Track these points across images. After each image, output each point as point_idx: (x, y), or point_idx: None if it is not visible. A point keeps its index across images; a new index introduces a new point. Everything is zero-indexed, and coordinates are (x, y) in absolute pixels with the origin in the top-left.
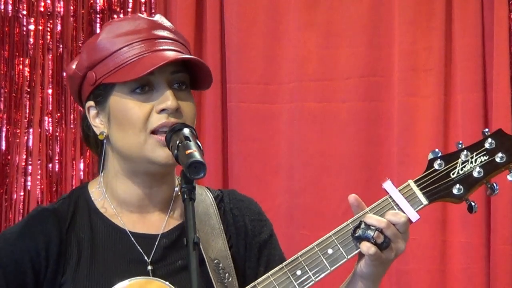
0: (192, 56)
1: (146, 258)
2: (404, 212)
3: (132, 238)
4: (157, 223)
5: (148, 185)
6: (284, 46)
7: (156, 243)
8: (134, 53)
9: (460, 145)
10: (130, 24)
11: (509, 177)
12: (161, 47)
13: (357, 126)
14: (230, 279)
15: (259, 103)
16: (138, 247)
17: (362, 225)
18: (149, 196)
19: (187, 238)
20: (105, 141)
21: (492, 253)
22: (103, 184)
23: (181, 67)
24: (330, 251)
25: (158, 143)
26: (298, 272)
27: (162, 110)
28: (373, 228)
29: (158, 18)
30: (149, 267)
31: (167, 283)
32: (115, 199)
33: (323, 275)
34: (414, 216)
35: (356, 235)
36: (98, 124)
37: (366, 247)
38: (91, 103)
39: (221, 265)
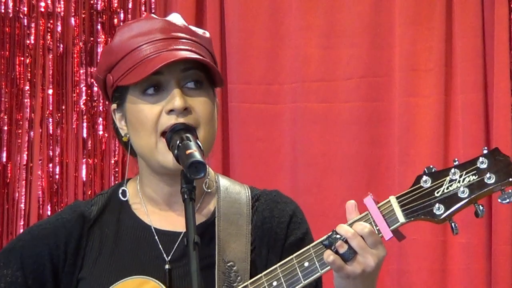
0: (194, 56)
1: (165, 256)
2: (378, 229)
3: (156, 235)
4: (182, 220)
5: (170, 184)
6: (285, 47)
7: (178, 240)
8: (143, 55)
9: (455, 162)
10: (141, 26)
11: (498, 199)
12: (171, 47)
13: (359, 126)
14: (242, 282)
15: (261, 103)
16: (160, 245)
17: (333, 234)
18: (173, 194)
19: (187, 238)
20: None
21: (493, 253)
22: (138, 182)
23: (193, 65)
24: (306, 263)
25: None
26: (274, 283)
27: (171, 111)
28: (338, 237)
29: (173, 17)
30: (167, 266)
31: (161, 284)
32: (146, 197)
33: (297, 287)
34: (387, 234)
35: (324, 243)
36: (122, 126)
37: (326, 255)
38: (114, 106)
39: (235, 268)
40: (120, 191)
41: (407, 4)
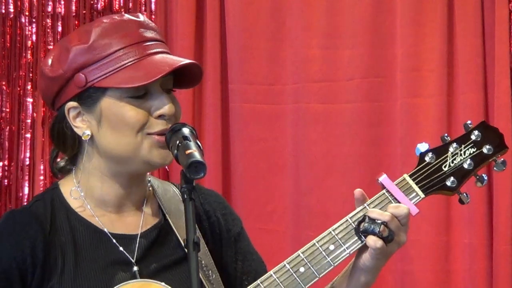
0: (194, 61)
1: (130, 258)
2: None
3: (113, 239)
4: (134, 223)
5: (128, 185)
6: (287, 47)
7: (137, 242)
8: (129, 57)
9: (446, 138)
10: (120, 25)
11: (494, 168)
12: (152, 50)
13: (361, 127)
14: (214, 276)
15: (263, 103)
16: (121, 248)
17: (367, 219)
18: (127, 196)
19: (187, 238)
20: (86, 142)
21: (494, 254)
22: (79, 184)
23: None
24: (331, 247)
25: (155, 143)
26: (302, 269)
27: (160, 116)
28: (378, 222)
29: (143, 18)
30: (135, 268)
31: (166, 285)
32: (93, 199)
33: (327, 271)
34: (414, 210)
35: (362, 229)
36: (79, 125)
37: (373, 241)
38: (73, 104)
39: (203, 262)
40: (71, 191)
41: (408, 5)
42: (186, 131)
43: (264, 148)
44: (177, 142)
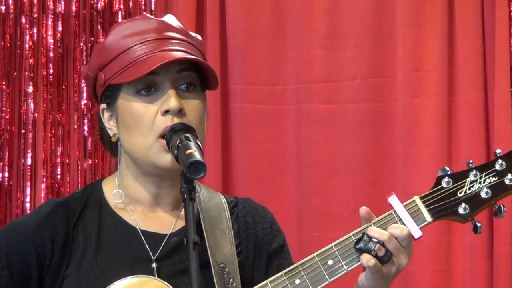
0: (191, 56)
1: (151, 255)
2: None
3: (142, 236)
4: (167, 222)
5: (158, 185)
6: (288, 48)
7: (164, 242)
8: (139, 54)
9: (470, 164)
10: (138, 25)
11: None
12: (166, 47)
13: (362, 127)
14: (234, 284)
15: (264, 104)
16: (146, 245)
17: (365, 237)
18: (159, 196)
19: (187, 238)
20: (119, 143)
21: (494, 254)
22: (117, 182)
23: (188, 66)
24: (330, 262)
25: (163, 147)
26: (297, 281)
27: (166, 112)
28: (375, 240)
29: (168, 18)
30: (154, 265)
31: (166, 283)
32: (129, 196)
33: (321, 286)
34: (417, 233)
35: (358, 247)
36: (111, 126)
37: (366, 259)
38: (103, 105)
39: (226, 269)
40: (113, 194)
41: (408, 6)
42: (186, 131)
43: (266, 149)
44: (177, 142)
